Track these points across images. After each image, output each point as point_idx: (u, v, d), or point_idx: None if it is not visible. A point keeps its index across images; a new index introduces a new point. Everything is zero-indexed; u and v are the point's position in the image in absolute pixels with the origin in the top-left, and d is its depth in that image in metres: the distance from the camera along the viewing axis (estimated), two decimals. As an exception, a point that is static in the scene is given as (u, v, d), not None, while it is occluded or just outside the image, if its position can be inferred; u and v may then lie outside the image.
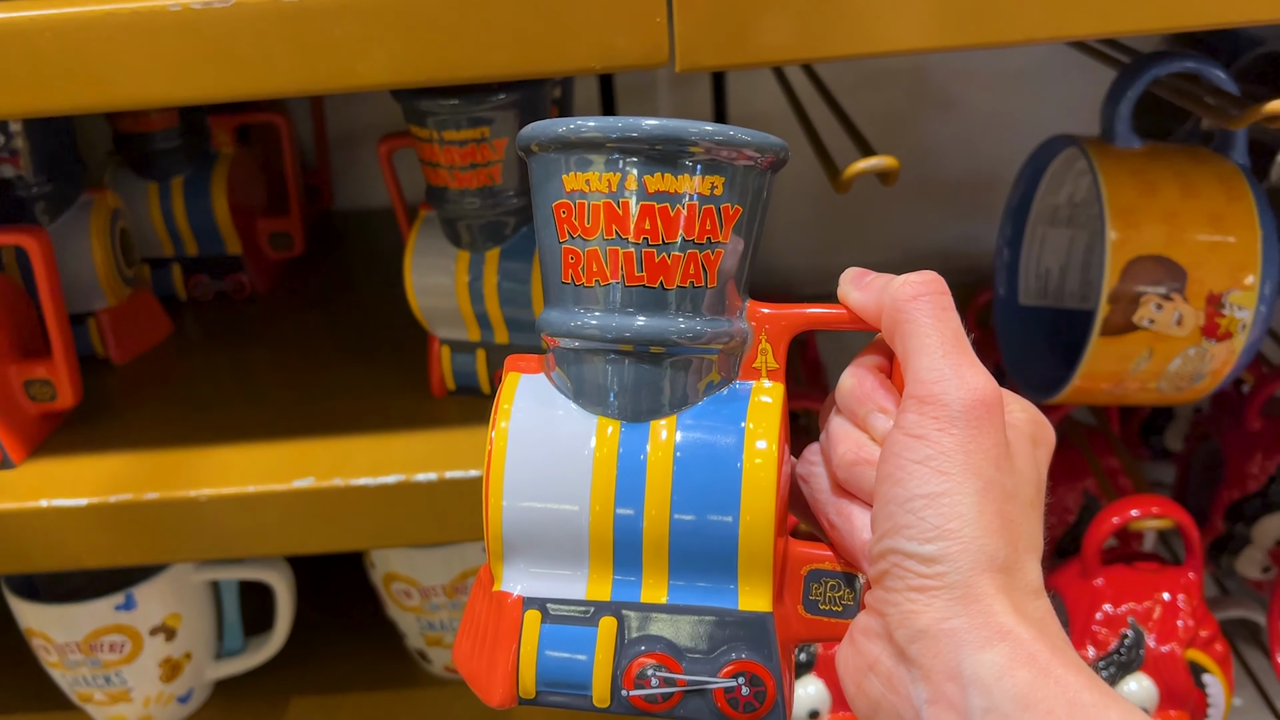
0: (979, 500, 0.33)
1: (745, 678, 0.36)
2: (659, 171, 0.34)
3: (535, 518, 0.37)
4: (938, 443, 0.33)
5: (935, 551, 0.33)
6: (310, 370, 0.70)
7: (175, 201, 0.79)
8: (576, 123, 0.35)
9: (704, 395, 0.37)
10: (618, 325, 0.36)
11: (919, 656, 0.33)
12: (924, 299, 0.35)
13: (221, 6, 0.45)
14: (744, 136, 0.35)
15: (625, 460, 0.36)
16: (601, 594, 0.37)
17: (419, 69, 0.46)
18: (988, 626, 0.32)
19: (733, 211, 0.36)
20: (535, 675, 0.37)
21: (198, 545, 0.59)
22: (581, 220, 0.35)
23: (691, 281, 0.36)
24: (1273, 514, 0.78)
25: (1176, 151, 0.62)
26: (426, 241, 0.61)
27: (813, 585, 0.38)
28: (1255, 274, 0.58)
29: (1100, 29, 0.46)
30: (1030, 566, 0.34)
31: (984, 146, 0.95)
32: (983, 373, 0.34)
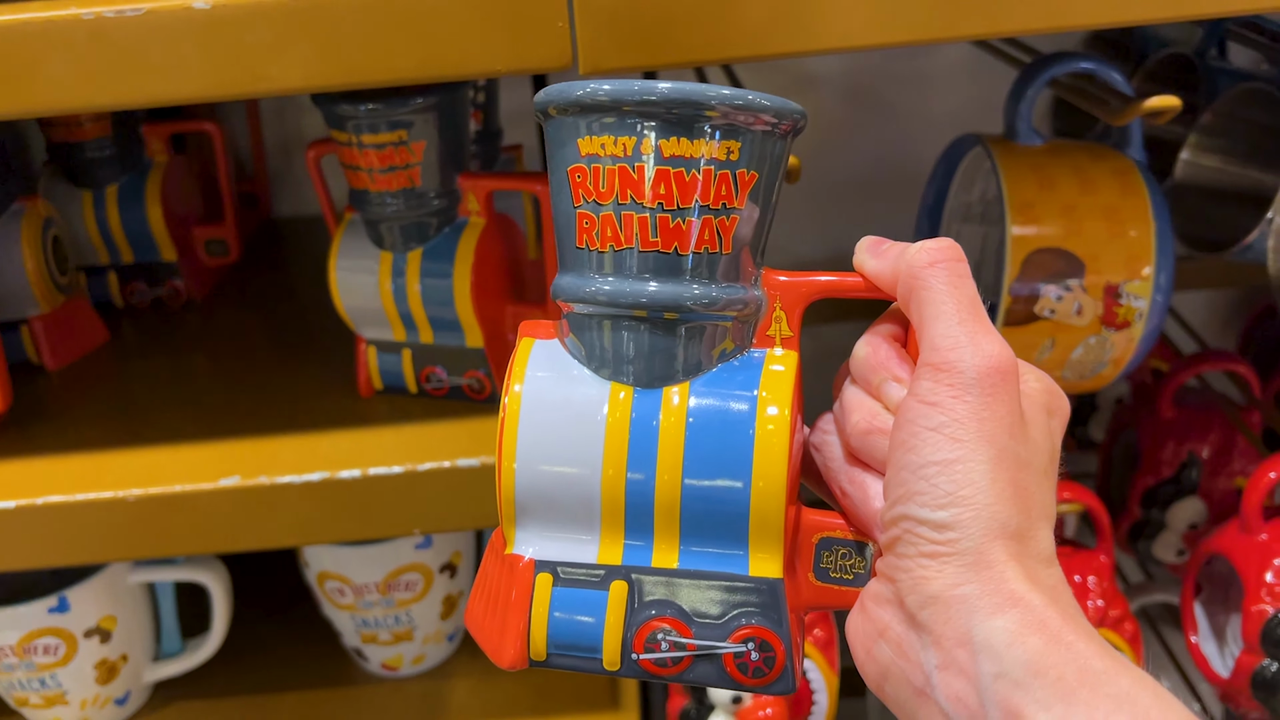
0: (992, 467, 0.33)
1: (755, 643, 0.37)
2: (675, 136, 0.34)
3: (547, 481, 0.37)
4: (952, 410, 0.33)
5: (947, 518, 0.33)
6: (242, 374, 0.71)
7: (110, 209, 0.80)
8: (593, 85, 0.34)
9: (717, 362, 0.37)
10: (631, 291, 0.35)
11: (929, 622, 0.33)
12: (940, 266, 0.35)
13: (134, 14, 0.46)
14: (763, 101, 0.35)
15: (638, 425, 0.36)
16: (613, 558, 0.37)
17: (329, 74, 0.48)
18: (999, 593, 0.32)
19: (749, 177, 0.35)
20: (546, 638, 0.37)
21: (126, 545, 0.60)
22: (596, 184, 0.35)
23: (706, 247, 0.35)
24: (1185, 499, 0.81)
25: (1076, 148, 0.64)
26: (350, 243, 0.63)
27: (824, 553, 0.38)
28: (1151, 265, 0.61)
29: (1012, 28, 0.48)
30: (1043, 535, 0.34)
31: (903, 145, 0.97)
32: (998, 340, 0.34)
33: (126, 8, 0.46)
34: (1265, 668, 0.66)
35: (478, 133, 0.75)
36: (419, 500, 0.58)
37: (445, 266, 0.61)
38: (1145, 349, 0.63)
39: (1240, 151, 0.71)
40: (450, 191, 0.61)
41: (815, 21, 0.47)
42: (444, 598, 0.75)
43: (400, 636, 0.75)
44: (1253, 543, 0.68)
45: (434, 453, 0.59)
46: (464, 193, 0.61)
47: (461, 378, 0.63)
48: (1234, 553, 0.69)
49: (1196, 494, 0.80)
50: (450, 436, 0.61)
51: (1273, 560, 0.67)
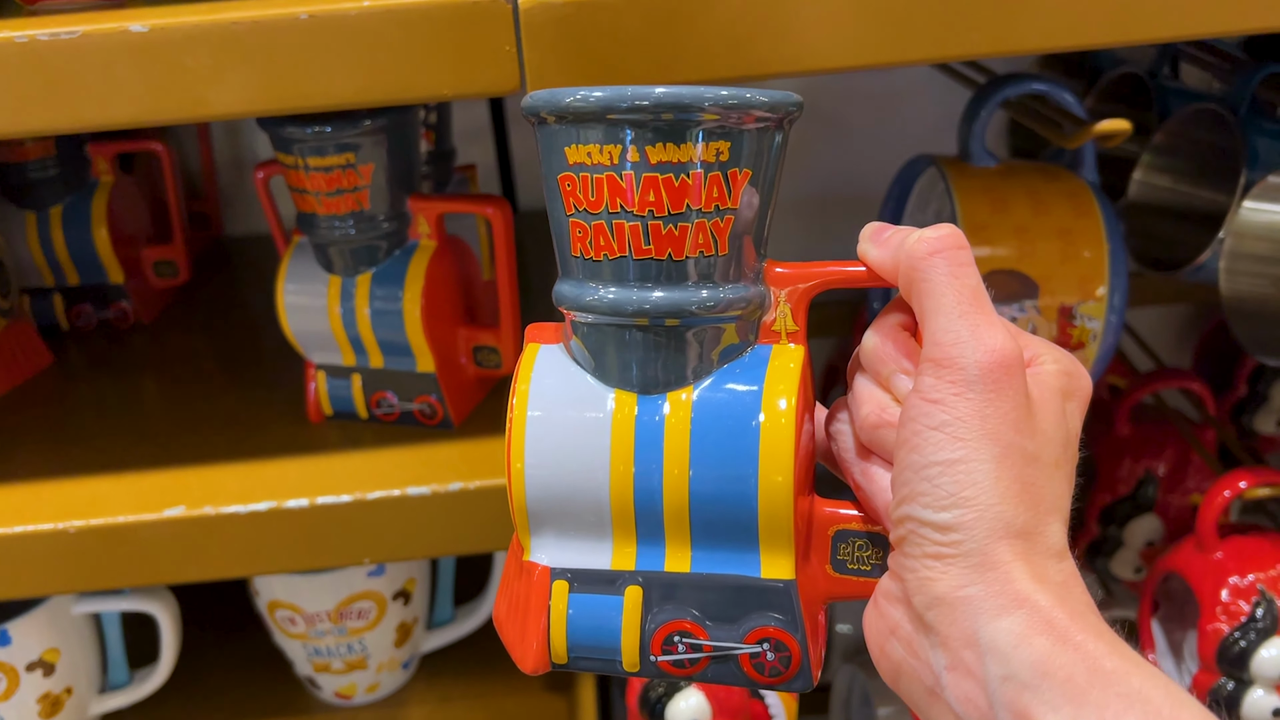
0: (996, 466, 0.32)
1: (770, 644, 0.37)
2: (661, 142, 0.33)
3: (556, 490, 0.37)
4: (954, 408, 0.33)
5: (951, 519, 0.32)
6: (190, 398, 0.70)
7: (54, 231, 0.78)
8: (580, 93, 0.33)
9: (722, 362, 0.37)
10: (630, 300, 0.35)
11: (936, 623, 0.33)
12: (939, 255, 0.34)
13: (69, 37, 0.45)
14: (759, 98, 0.34)
15: (643, 430, 0.36)
16: (626, 563, 0.37)
17: (271, 98, 0.47)
18: (1004, 594, 0.31)
19: (741, 175, 0.35)
20: (566, 643, 0.37)
21: (68, 578, 0.58)
22: (586, 193, 0.35)
23: (701, 251, 0.35)
24: (1142, 517, 0.81)
25: (1030, 169, 0.64)
26: (298, 267, 0.61)
27: (840, 545, 0.38)
28: (1104, 285, 0.61)
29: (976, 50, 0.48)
30: (1053, 529, 0.33)
31: (859, 164, 0.97)
32: (1001, 331, 0.33)
33: (61, 30, 0.45)
34: (1221, 686, 0.66)
35: (429, 153, 0.74)
36: (369, 529, 0.57)
37: (395, 290, 0.60)
38: (1100, 369, 0.63)
39: (1191, 171, 0.72)
40: (400, 214, 0.60)
41: (770, 45, 0.47)
42: (398, 625, 0.74)
43: (353, 665, 0.74)
44: (1208, 561, 0.68)
45: (384, 480, 0.58)
46: (414, 215, 0.61)
47: (413, 403, 0.62)
48: (1190, 571, 0.69)
49: (1153, 511, 0.81)
50: (401, 463, 0.60)
51: (1228, 579, 0.67)
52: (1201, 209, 0.71)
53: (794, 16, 0.46)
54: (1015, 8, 0.46)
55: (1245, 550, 0.68)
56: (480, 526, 0.58)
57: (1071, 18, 0.47)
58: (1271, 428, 0.93)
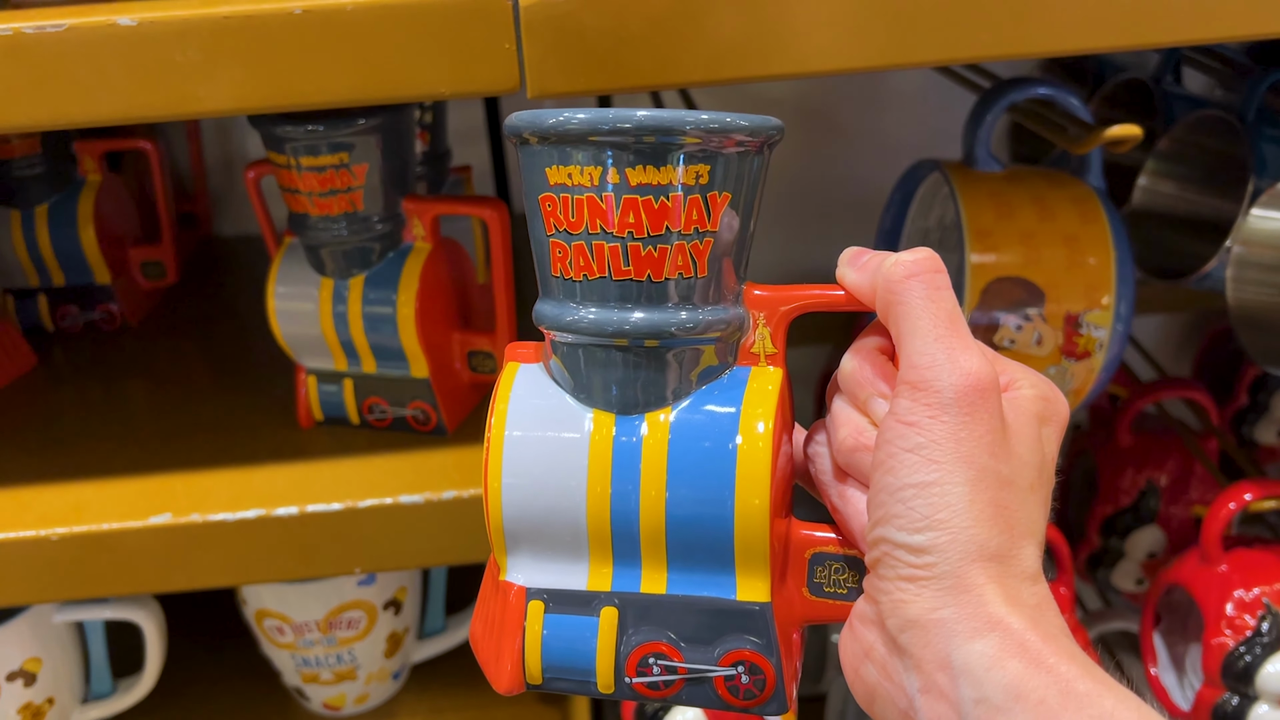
0: (970, 490, 0.32)
1: (745, 666, 0.37)
2: (642, 164, 0.34)
3: (533, 509, 0.37)
4: (929, 430, 0.33)
5: (924, 542, 0.32)
6: (178, 402, 0.69)
7: (39, 230, 0.77)
8: (564, 115, 0.34)
9: (701, 384, 0.37)
10: (609, 320, 0.35)
11: (909, 646, 0.33)
12: (915, 279, 0.34)
13: (55, 30, 0.44)
14: (739, 122, 0.34)
15: (620, 452, 0.36)
16: (602, 584, 0.37)
17: (264, 95, 0.46)
18: (977, 617, 0.31)
19: (720, 199, 0.35)
20: (540, 663, 0.38)
21: (50, 587, 0.57)
22: (566, 214, 0.35)
23: (680, 273, 0.35)
24: (1144, 528, 0.80)
25: (1035, 175, 0.63)
26: (290, 269, 0.60)
27: (816, 568, 0.38)
28: (1110, 294, 0.60)
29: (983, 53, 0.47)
30: (1027, 553, 0.33)
31: (861, 168, 0.97)
32: (976, 355, 0.33)
33: (47, 24, 0.44)
34: (1226, 701, 0.65)
35: (425, 154, 0.73)
36: (359, 538, 0.56)
37: (388, 294, 0.58)
38: (1106, 379, 0.62)
39: (1197, 178, 0.71)
40: (394, 216, 0.59)
41: (773, 46, 0.45)
42: (388, 635, 0.72)
43: (342, 675, 0.72)
44: (1212, 574, 0.67)
45: (375, 488, 0.56)
46: (409, 217, 0.59)
47: (405, 409, 0.61)
48: (1194, 584, 0.68)
49: (1155, 522, 0.80)
50: (393, 471, 0.58)
51: (1233, 592, 0.66)
52: (1207, 216, 0.70)
53: (797, 17, 0.45)
54: (1019, 10, 0.45)
55: (1250, 563, 0.67)
56: (474, 535, 0.56)
57: (1077, 21, 0.46)
58: (1272, 438, 0.92)
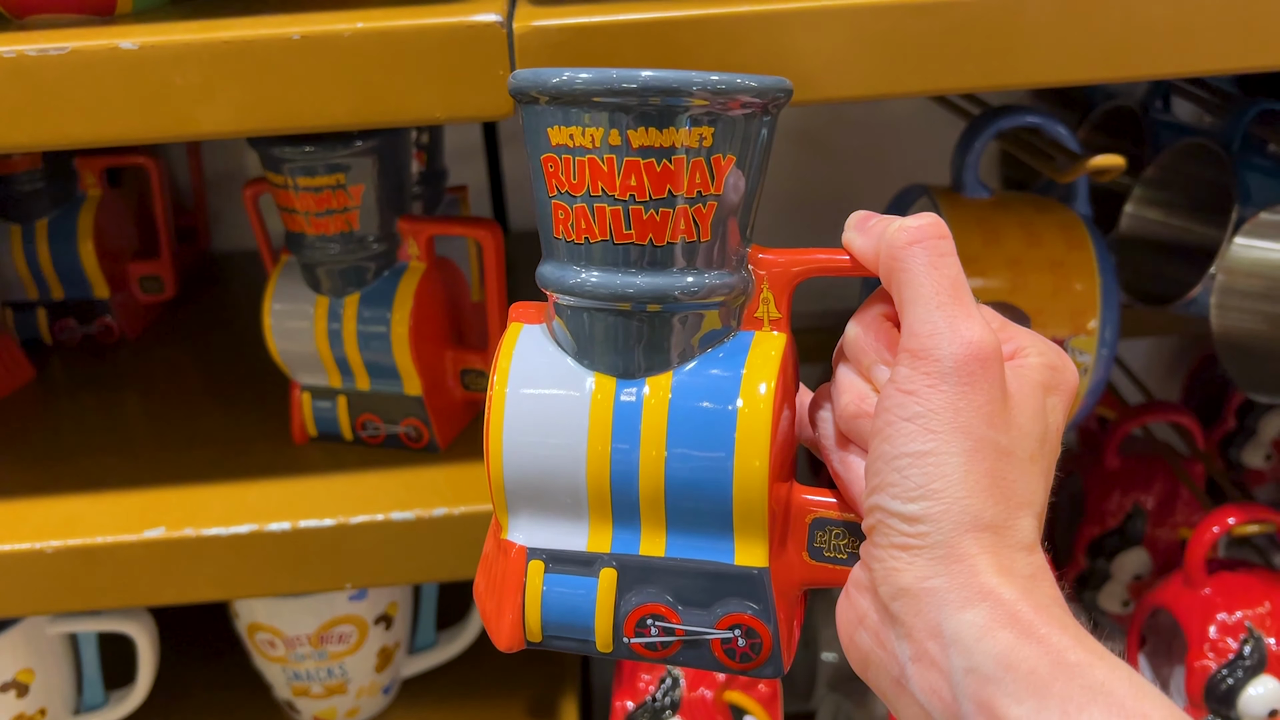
0: (966, 460, 0.32)
1: (741, 630, 0.37)
2: (644, 126, 0.33)
3: (534, 470, 0.37)
4: (928, 400, 0.32)
5: (918, 511, 0.32)
6: (174, 416, 0.69)
7: (39, 244, 0.77)
8: (566, 75, 0.33)
9: (704, 348, 0.37)
10: (612, 284, 0.35)
11: (901, 614, 0.32)
12: (919, 245, 0.34)
13: (58, 53, 0.45)
14: (747, 83, 0.33)
15: (620, 415, 0.36)
16: (601, 545, 0.37)
17: (261, 118, 0.46)
18: (969, 586, 0.31)
19: (725, 161, 0.34)
20: (540, 622, 0.38)
21: (44, 599, 0.57)
22: (568, 175, 0.34)
23: (683, 237, 0.35)
24: (1130, 550, 0.81)
25: (1022, 201, 0.64)
26: (286, 287, 0.61)
27: (817, 533, 0.38)
28: (1096, 319, 0.60)
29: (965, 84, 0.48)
30: (1024, 523, 0.33)
31: (850, 190, 0.97)
32: (978, 324, 0.33)
33: (50, 46, 0.45)
34: (1208, 724, 0.66)
35: (421, 173, 0.74)
36: (351, 554, 0.57)
37: (383, 312, 0.59)
38: (1091, 403, 0.63)
39: (1183, 205, 0.72)
40: (390, 235, 0.60)
41: (764, 74, 0.46)
42: (379, 650, 0.73)
43: (333, 690, 0.73)
44: (1196, 597, 0.68)
45: (368, 505, 0.57)
46: (404, 237, 0.60)
47: (398, 426, 0.62)
48: (1177, 607, 0.69)
49: (1141, 545, 0.80)
50: (385, 487, 0.59)
51: (1216, 615, 0.67)
52: (1193, 243, 0.71)
53: (790, 47, 0.46)
54: (1010, 42, 0.46)
55: (1233, 587, 0.67)
56: (465, 553, 0.57)
57: (1066, 53, 0.47)
58: (1259, 462, 0.93)
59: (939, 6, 0.46)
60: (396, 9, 0.47)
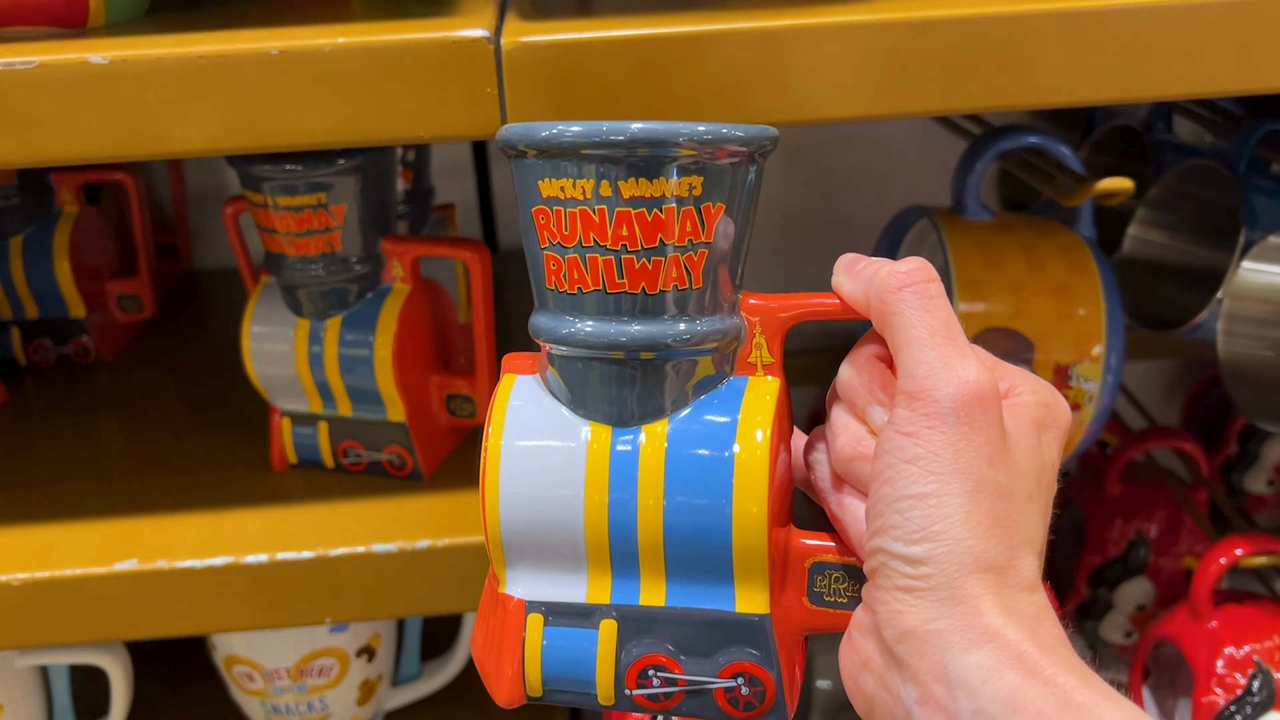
0: (967, 501, 0.32)
1: (745, 678, 0.36)
2: (634, 177, 0.33)
3: (531, 522, 0.37)
4: (927, 441, 0.32)
5: (921, 553, 0.32)
6: (150, 440, 0.67)
7: (13, 262, 0.75)
8: (556, 128, 0.33)
9: (697, 395, 0.37)
10: (605, 333, 0.35)
11: (906, 657, 0.32)
12: (908, 290, 0.34)
13: (24, 67, 0.43)
14: (734, 133, 0.34)
15: (617, 464, 0.36)
16: (601, 596, 0.37)
17: (238, 136, 0.45)
18: (973, 628, 0.31)
19: (715, 210, 0.34)
20: (540, 675, 0.37)
21: (11, 633, 0.55)
22: (560, 227, 0.35)
23: (675, 285, 0.35)
24: (1132, 579, 0.79)
25: (1024, 224, 0.62)
26: (265, 309, 0.59)
27: (816, 577, 0.38)
28: (1101, 345, 0.59)
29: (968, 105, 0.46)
30: (1025, 562, 0.33)
31: (847, 209, 0.96)
32: (973, 363, 0.33)
33: (16, 60, 0.43)
34: (1216, 761, 0.64)
35: (407, 191, 0.72)
36: (331, 587, 0.55)
37: (366, 336, 0.57)
38: (1095, 430, 0.62)
39: (1187, 227, 0.70)
40: (373, 257, 0.58)
41: (760, 94, 0.45)
42: (361, 683, 0.70)
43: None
44: (1202, 630, 0.66)
45: (348, 536, 0.55)
46: (388, 258, 0.58)
47: (381, 453, 0.60)
48: (1183, 640, 0.67)
49: (1144, 574, 0.79)
50: (366, 517, 0.57)
51: (1223, 649, 0.65)
52: (1198, 266, 0.70)
53: (787, 66, 0.44)
54: (1015, 61, 0.45)
55: (1241, 620, 0.66)
56: (448, 586, 0.55)
57: (1073, 73, 0.46)
58: (1262, 486, 0.91)
59: (943, 24, 0.44)
60: (380, 23, 0.45)
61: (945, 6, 0.44)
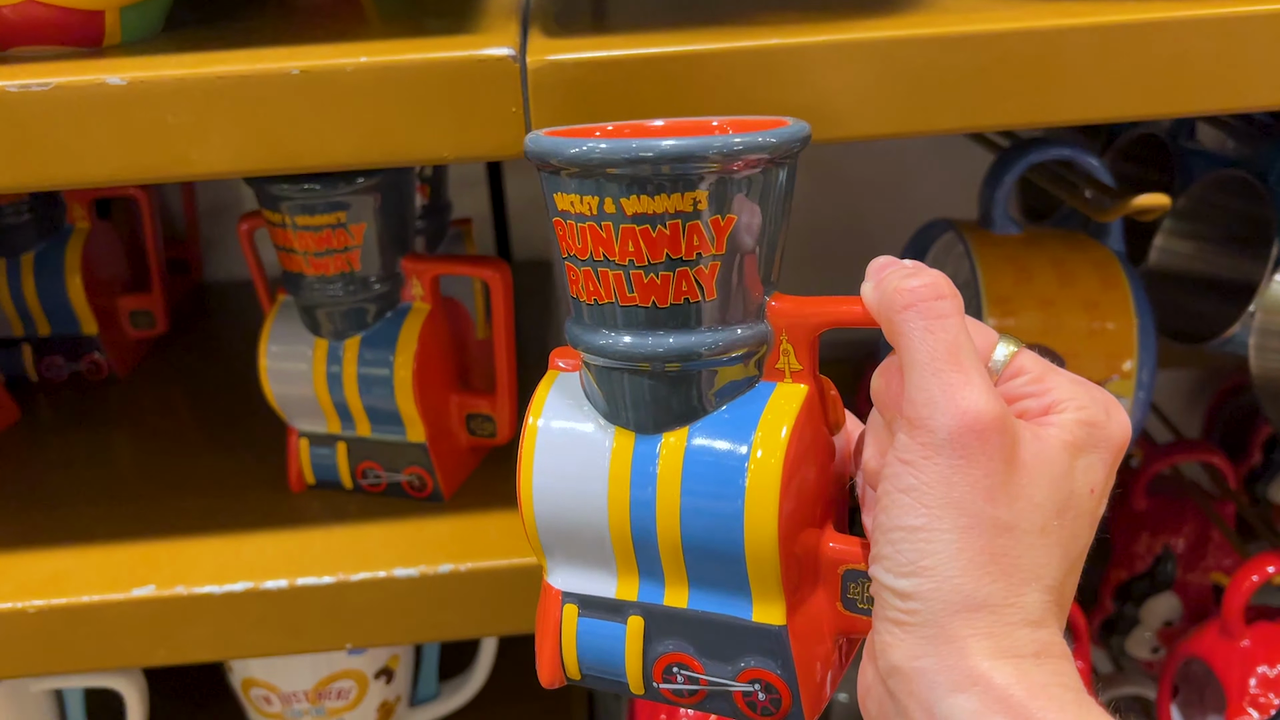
0: (959, 537, 0.31)
1: (761, 685, 0.37)
2: (634, 194, 0.33)
3: (562, 519, 0.38)
4: (922, 472, 0.32)
5: (909, 587, 0.32)
6: (165, 460, 0.66)
7: (25, 279, 0.74)
8: (557, 145, 0.33)
9: (721, 401, 0.36)
10: (627, 345, 0.35)
11: (896, 692, 0.32)
12: (912, 310, 0.32)
13: (40, 89, 0.42)
14: (732, 144, 0.32)
15: (638, 470, 0.36)
16: (629, 594, 0.38)
17: (258, 158, 0.44)
18: (958, 669, 0.30)
19: (725, 221, 0.34)
20: (578, 661, 0.39)
21: (26, 661, 0.54)
22: (573, 240, 0.35)
23: (686, 298, 0.35)
24: (1160, 595, 0.78)
25: (1053, 237, 0.61)
26: (283, 329, 0.58)
27: (850, 584, 0.38)
28: (1133, 360, 0.58)
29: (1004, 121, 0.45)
30: (1029, 599, 0.31)
31: (870, 221, 0.95)
32: (977, 392, 0.31)
33: (32, 82, 0.42)
34: (1250, 782, 0.63)
35: (424, 207, 0.71)
36: (350, 612, 0.54)
37: (385, 355, 0.56)
38: (1128, 447, 0.60)
39: (1216, 238, 0.69)
40: (393, 275, 0.57)
41: (790, 113, 0.43)
42: (380, 704, 0.70)
43: (331, 746, 0.70)
44: (1234, 649, 0.65)
45: (368, 560, 0.54)
46: (408, 276, 0.57)
47: (401, 474, 0.59)
48: (1214, 658, 0.66)
49: (1172, 589, 0.78)
50: (387, 541, 0.56)
51: (1256, 668, 0.64)
52: (1226, 278, 0.69)
53: (818, 85, 0.43)
54: (1049, 77, 0.44)
55: (1273, 638, 0.65)
56: (470, 611, 0.54)
57: (1106, 89, 0.44)
58: (1288, 497, 0.90)
59: (975, 40, 0.43)
60: (402, 42, 0.44)
61: (977, 22, 0.43)
